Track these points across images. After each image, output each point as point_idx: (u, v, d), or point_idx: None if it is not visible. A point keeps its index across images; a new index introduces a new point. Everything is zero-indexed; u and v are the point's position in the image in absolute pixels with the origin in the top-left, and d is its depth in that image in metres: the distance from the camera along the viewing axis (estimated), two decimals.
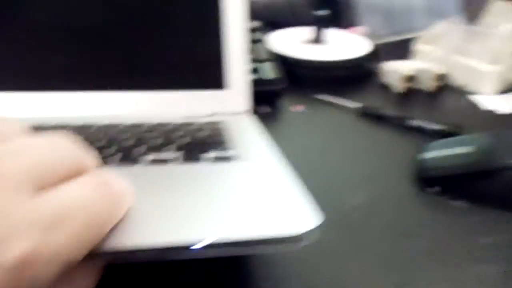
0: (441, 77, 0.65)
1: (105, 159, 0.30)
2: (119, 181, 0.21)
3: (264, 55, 0.58)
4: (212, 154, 0.32)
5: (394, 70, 0.64)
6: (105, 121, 0.40)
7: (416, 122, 0.52)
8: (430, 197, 0.39)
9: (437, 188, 0.40)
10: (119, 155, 0.31)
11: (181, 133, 0.37)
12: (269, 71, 0.55)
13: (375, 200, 0.37)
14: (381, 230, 0.33)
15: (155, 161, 0.30)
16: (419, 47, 0.75)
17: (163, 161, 0.30)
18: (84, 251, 0.18)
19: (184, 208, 0.23)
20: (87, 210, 0.18)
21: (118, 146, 0.33)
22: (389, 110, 0.55)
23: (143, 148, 0.33)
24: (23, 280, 0.15)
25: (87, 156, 0.21)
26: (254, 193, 0.25)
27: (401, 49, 0.77)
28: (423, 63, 0.69)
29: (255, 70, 0.55)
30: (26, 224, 0.16)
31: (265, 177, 0.28)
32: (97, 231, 0.18)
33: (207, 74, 0.46)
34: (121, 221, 0.20)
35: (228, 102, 0.46)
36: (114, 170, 0.23)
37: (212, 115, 0.45)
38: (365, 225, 0.34)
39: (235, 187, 0.27)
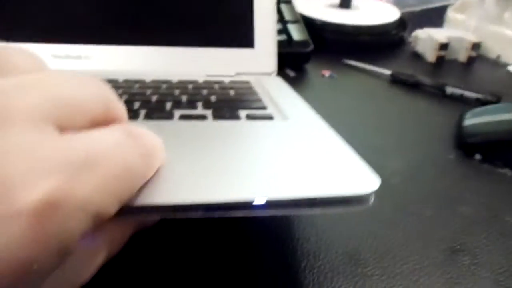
0: (476, 46, 0.62)
1: (128, 115, 0.28)
2: (150, 134, 0.18)
3: (291, 17, 0.55)
4: (247, 112, 0.29)
5: (427, 38, 0.61)
6: (124, 76, 0.37)
7: (453, 90, 0.49)
8: (472, 164, 0.36)
9: (478, 156, 0.37)
10: (143, 111, 0.28)
11: (207, 91, 0.35)
12: (296, 33, 0.52)
13: (415, 166, 0.35)
14: (424, 196, 0.31)
15: (185, 117, 0.28)
16: (451, 15, 0.71)
17: (194, 117, 0.28)
18: (115, 205, 0.15)
19: (231, 163, 0.20)
20: (120, 159, 0.15)
21: (141, 102, 0.31)
22: (423, 78, 0.52)
23: (168, 104, 0.30)
24: (46, 230, 0.12)
25: (118, 103, 0.18)
26: (307, 151, 0.22)
27: (431, 18, 0.73)
28: (457, 31, 0.65)
29: (282, 31, 0.52)
30: (50, 164, 0.13)
31: (314, 136, 0.25)
32: (130, 183, 0.16)
33: (234, 31, 0.43)
34: (155, 176, 0.18)
35: (254, 62, 0.43)
36: (141, 124, 0.20)
37: (236, 75, 0.42)
38: (406, 191, 0.31)
39: (284, 144, 0.23)
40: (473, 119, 0.40)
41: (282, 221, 0.27)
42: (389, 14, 0.68)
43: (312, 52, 0.53)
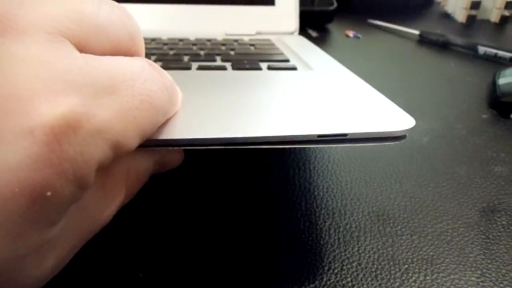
0: (509, 4, 0.58)
1: None
2: (168, 74, 0.17)
3: None
4: (269, 63, 0.27)
5: None
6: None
7: (485, 49, 0.47)
8: (507, 123, 0.34)
9: None
10: (159, 63, 0.27)
11: (226, 47, 0.33)
12: None
13: (446, 125, 0.33)
14: (457, 155, 0.29)
15: (203, 67, 0.26)
16: None
17: (213, 68, 0.26)
18: (135, 138, 0.14)
19: (255, 103, 0.19)
20: (144, 87, 0.14)
21: (157, 55, 0.29)
22: (454, 37, 0.49)
23: (185, 57, 0.29)
24: (62, 153, 0.11)
25: (141, 37, 0.17)
26: (338, 93, 0.21)
27: None
28: None
29: None
30: (69, 80, 0.12)
31: (342, 82, 0.24)
32: (152, 115, 0.14)
33: None
34: (175, 115, 0.17)
35: (275, 21, 0.42)
36: None
37: (256, 34, 0.40)
38: (438, 150, 0.29)
39: (313, 87, 0.22)
40: (507, 78, 0.38)
41: (306, 179, 0.25)
42: None
43: (336, 11, 0.50)
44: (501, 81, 0.37)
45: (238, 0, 0.41)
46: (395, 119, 0.18)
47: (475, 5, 0.56)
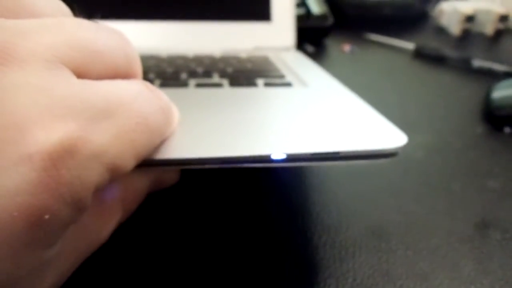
0: (504, 18, 0.59)
1: None
2: (164, 94, 0.17)
3: None
4: (265, 80, 0.28)
5: (452, 10, 0.58)
6: (138, 52, 0.36)
7: (480, 63, 0.47)
8: (501, 137, 0.34)
9: (507, 129, 0.35)
10: (158, 81, 0.28)
11: (223, 63, 0.34)
12: (316, 7, 0.51)
13: (440, 140, 0.33)
14: (451, 170, 0.29)
15: (200, 85, 0.27)
16: None
17: (210, 85, 0.27)
18: (132, 160, 0.14)
19: (250, 121, 0.19)
20: (140, 110, 0.14)
21: (155, 73, 0.30)
22: (448, 51, 0.50)
23: (183, 75, 0.29)
24: (59, 177, 0.11)
25: (138, 59, 0.17)
26: (331, 111, 0.22)
27: None
28: (483, 3, 0.62)
29: (300, 5, 0.50)
30: (67, 107, 0.12)
31: (336, 99, 0.24)
32: (148, 137, 0.15)
33: (250, 4, 0.42)
34: (172, 134, 0.17)
35: (272, 36, 0.42)
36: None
37: (253, 50, 0.41)
38: (432, 165, 0.30)
39: (306, 106, 0.23)
40: (502, 92, 0.38)
41: (302, 195, 0.26)
42: None
43: (332, 26, 0.51)
44: (495, 94, 0.38)
45: (235, 16, 0.41)
46: (387, 136, 0.19)
47: (469, 19, 0.57)
